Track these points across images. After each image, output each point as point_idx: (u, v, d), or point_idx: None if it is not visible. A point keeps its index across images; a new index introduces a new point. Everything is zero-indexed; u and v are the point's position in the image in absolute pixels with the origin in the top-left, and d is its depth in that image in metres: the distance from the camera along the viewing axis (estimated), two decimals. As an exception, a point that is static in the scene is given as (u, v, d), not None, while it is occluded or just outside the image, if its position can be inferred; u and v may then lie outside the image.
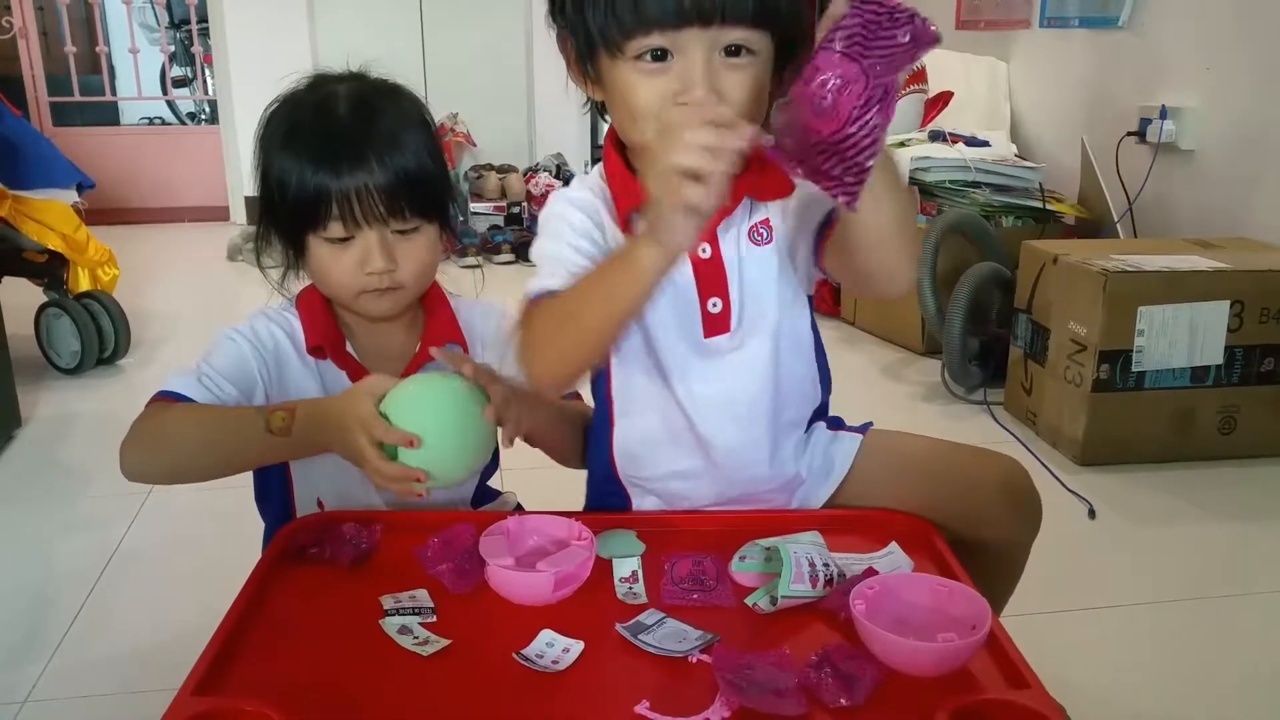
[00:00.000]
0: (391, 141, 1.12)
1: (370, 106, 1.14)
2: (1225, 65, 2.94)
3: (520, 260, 4.62)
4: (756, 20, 0.94)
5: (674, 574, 0.99)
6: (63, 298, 3.06)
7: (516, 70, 5.60)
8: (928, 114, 3.78)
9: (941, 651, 0.83)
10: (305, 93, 1.17)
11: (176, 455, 1.12)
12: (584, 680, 0.84)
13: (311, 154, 1.11)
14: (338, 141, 1.12)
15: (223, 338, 1.20)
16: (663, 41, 0.93)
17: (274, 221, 1.18)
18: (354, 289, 1.16)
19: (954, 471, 1.19)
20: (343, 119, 1.13)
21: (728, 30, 0.93)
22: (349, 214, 1.11)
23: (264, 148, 1.17)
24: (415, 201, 1.14)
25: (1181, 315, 2.40)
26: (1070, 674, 1.60)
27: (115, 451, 1.12)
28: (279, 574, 1.02)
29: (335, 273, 1.15)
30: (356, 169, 1.10)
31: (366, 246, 1.13)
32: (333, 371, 1.21)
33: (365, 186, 1.10)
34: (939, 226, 3.01)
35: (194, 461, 1.12)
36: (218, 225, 5.35)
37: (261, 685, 0.84)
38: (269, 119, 1.18)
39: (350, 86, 1.17)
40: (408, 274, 1.16)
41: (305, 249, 1.16)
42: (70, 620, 1.77)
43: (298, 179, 1.12)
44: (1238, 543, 2.16)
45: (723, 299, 1.09)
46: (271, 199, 1.16)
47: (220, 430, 1.10)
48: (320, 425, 1.05)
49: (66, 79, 5.39)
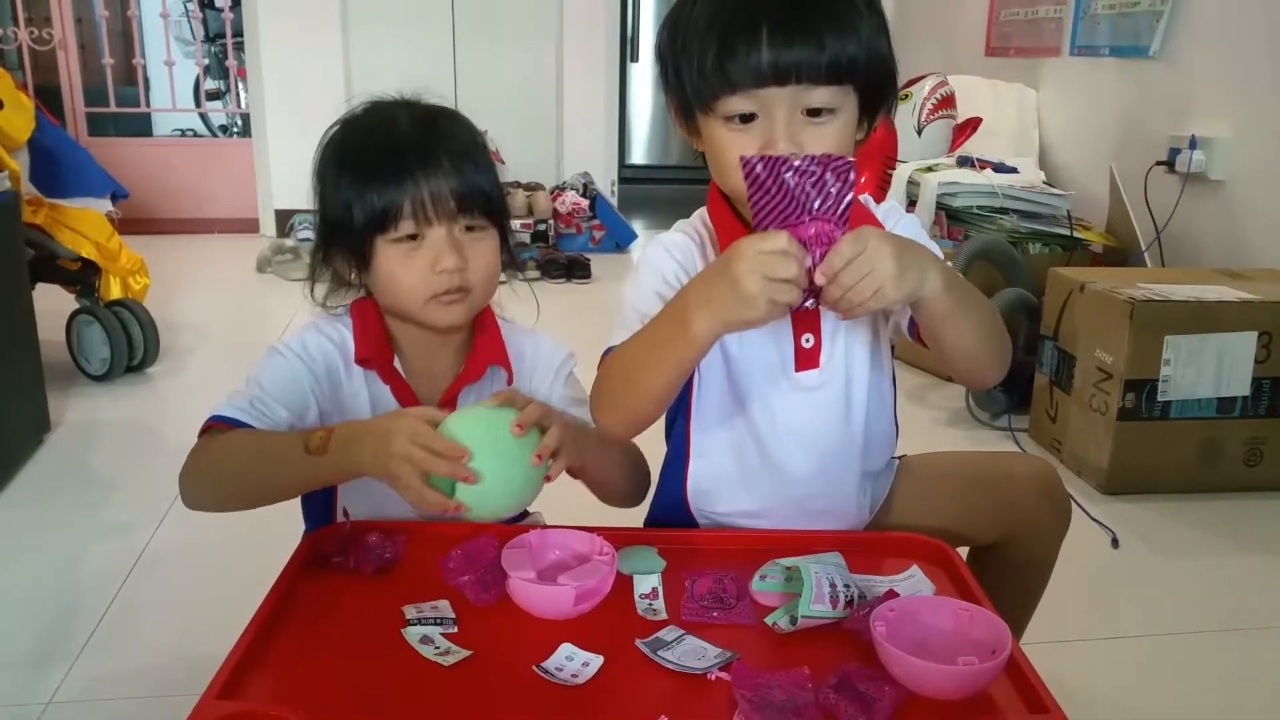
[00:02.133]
0: (458, 146, 1.17)
1: (433, 120, 1.18)
2: (1256, 96, 2.92)
3: (545, 277, 4.65)
4: (832, 79, 1.00)
5: (694, 591, 0.99)
6: (94, 305, 3.10)
7: (546, 89, 5.64)
8: (956, 139, 3.78)
9: (962, 675, 0.83)
10: (364, 115, 1.20)
11: (227, 485, 1.13)
12: (602, 694, 0.85)
13: (382, 157, 1.14)
14: (408, 144, 1.15)
15: (273, 354, 1.19)
16: (747, 104, 1.01)
17: (338, 236, 1.18)
18: (424, 293, 1.16)
19: (988, 467, 1.25)
20: (409, 130, 1.17)
21: (807, 91, 1.00)
22: (420, 210, 1.13)
23: (325, 164, 1.18)
24: (482, 202, 1.17)
25: (1209, 345, 2.39)
26: (1091, 703, 1.59)
27: (142, 457, 1.16)
28: (304, 581, 1.03)
29: (406, 277, 1.15)
30: (427, 166, 1.13)
31: (437, 244, 1.14)
32: (378, 385, 1.22)
33: (436, 183, 1.13)
34: (966, 252, 3.00)
35: (245, 491, 1.13)
36: (248, 237, 5.41)
37: (284, 691, 0.85)
38: (330, 140, 1.19)
39: (409, 107, 1.20)
40: (476, 275, 1.17)
41: (371, 259, 1.17)
42: (95, 624, 1.79)
43: (369, 182, 1.13)
44: (1263, 576, 2.13)
45: (815, 335, 1.13)
46: (335, 214, 1.17)
47: (266, 457, 1.10)
48: (355, 445, 1.04)
49: (103, 90, 5.48)
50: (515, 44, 5.57)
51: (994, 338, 1.09)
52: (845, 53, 0.99)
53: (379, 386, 1.22)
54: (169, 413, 2.91)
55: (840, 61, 1.00)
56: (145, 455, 2.54)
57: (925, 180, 3.38)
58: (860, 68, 1.01)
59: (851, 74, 1.01)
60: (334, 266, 1.22)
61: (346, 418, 1.20)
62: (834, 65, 0.99)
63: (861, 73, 1.02)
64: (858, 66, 1.01)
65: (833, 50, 0.99)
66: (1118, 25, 3.48)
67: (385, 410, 1.19)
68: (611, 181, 5.77)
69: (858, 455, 1.19)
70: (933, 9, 4.97)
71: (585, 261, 4.74)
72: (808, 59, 0.98)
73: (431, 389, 1.23)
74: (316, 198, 1.19)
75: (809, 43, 0.98)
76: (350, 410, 1.21)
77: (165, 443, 2.60)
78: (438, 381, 1.24)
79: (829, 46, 0.98)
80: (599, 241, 5.27)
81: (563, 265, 4.69)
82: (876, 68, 1.03)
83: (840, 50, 0.99)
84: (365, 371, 1.22)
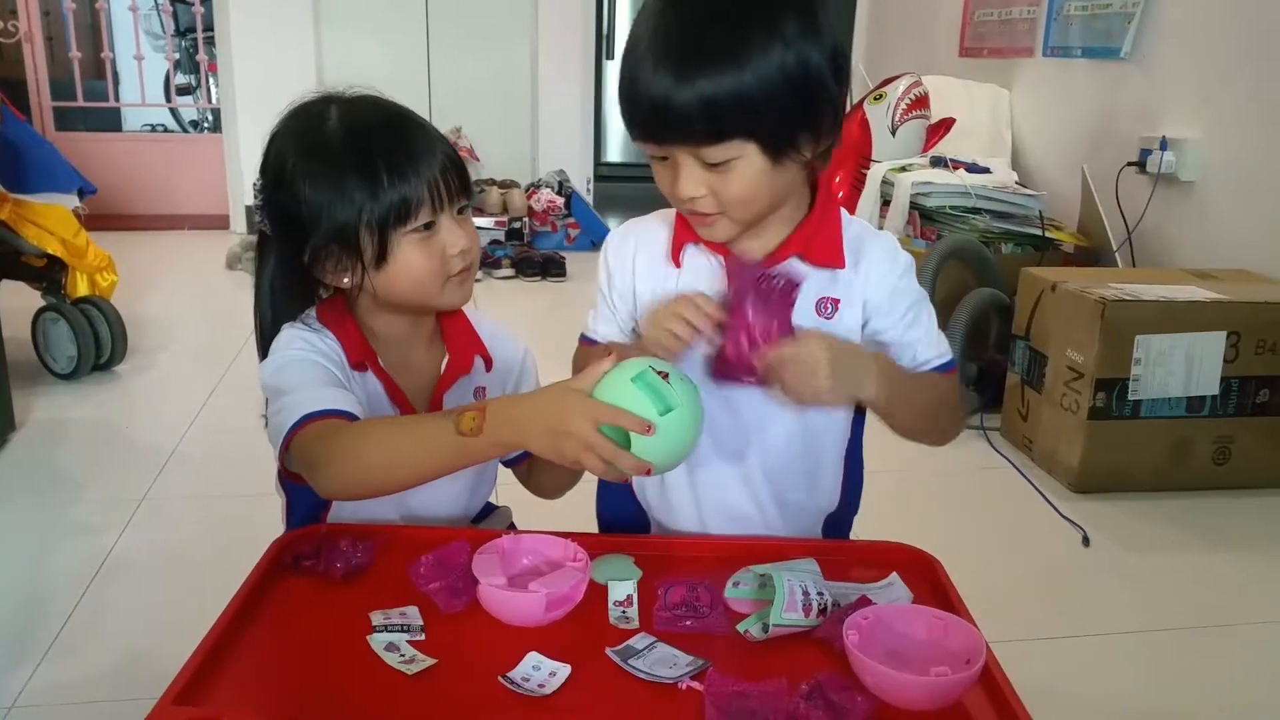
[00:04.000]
0: (435, 131, 1.17)
1: (401, 111, 1.17)
2: (1226, 98, 2.95)
3: (520, 275, 4.62)
4: (715, 139, 0.98)
5: (667, 600, 0.98)
6: (60, 302, 3.06)
7: (521, 86, 5.62)
8: (929, 140, 3.79)
9: (934, 686, 0.82)
10: (337, 119, 1.14)
11: (373, 469, 1.07)
12: (569, 705, 0.84)
13: (394, 153, 1.11)
14: (411, 137, 1.14)
15: (296, 360, 1.14)
16: (655, 149, 1.03)
17: (342, 240, 1.13)
18: (442, 276, 1.16)
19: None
20: (398, 123, 1.15)
21: (698, 149, 1.00)
22: (436, 197, 1.12)
23: (307, 170, 1.12)
24: (464, 181, 1.18)
25: (1178, 345, 2.40)
26: (1061, 700, 1.59)
27: (110, 457, 1.15)
28: (272, 584, 1.01)
29: (427, 263, 1.14)
30: (431, 154, 1.13)
31: (449, 229, 1.15)
32: (371, 384, 1.19)
33: (443, 167, 1.13)
34: (938, 252, 3.01)
35: (392, 474, 1.07)
36: (218, 234, 5.36)
37: (243, 696, 0.84)
38: (305, 147, 1.13)
39: (363, 102, 1.17)
40: (476, 252, 1.20)
41: (389, 254, 1.13)
42: (60, 626, 1.76)
43: (383, 179, 1.10)
44: (1231, 573, 2.15)
45: None
46: (342, 218, 1.12)
47: (412, 438, 1.06)
48: (520, 424, 1.00)
49: (70, 84, 5.40)
50: (489, 41, 5.54)
51: (938, 420, 1.16)
52: (725, 116, 0.97)
53: (372, 385, 1.20)
54: (137, 412, 2.88)
55: (721, 125, 0.97)
56: (113, 455, 2.51)
57: (899, 180, 3.39)
58: (750, 120, 0.98)
59: (740, 129, 0.98)
60: (317, 274, 1.18)
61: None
62: (714, 131, 0.98)
63: (755, 124, 0.98)
64: (743, 125, 0.98)
65: (709, 117, 0.96)
66: (1090, 26, 3.50)
67: (380, 411, 1.18)
68: (587, 179, 5.75)
69: (809, 437, 1.18)
70: (907, 9, 4.98)
71: (560, 260, 4.72)
72: (679, 125, 0.98)
73: (413, 382, 1.22)
74: (287, 206, 1.13)
75: (678, 110, 0.96)
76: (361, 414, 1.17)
77: (133, 442, 2.57)
78: (415, 374, 1.22)
79: (704, 113, 0.96)
80: (574, 240, 5.25)
81: (537, 263, 4.67)
82: (774, 116, 0.98)
83: (719, 115, 0.96)
84: (359, 375, 1.19)
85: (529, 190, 5.28)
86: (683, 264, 1.15)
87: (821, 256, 1.11)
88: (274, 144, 1.15)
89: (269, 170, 1.16)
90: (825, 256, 1.11)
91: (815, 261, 1.11)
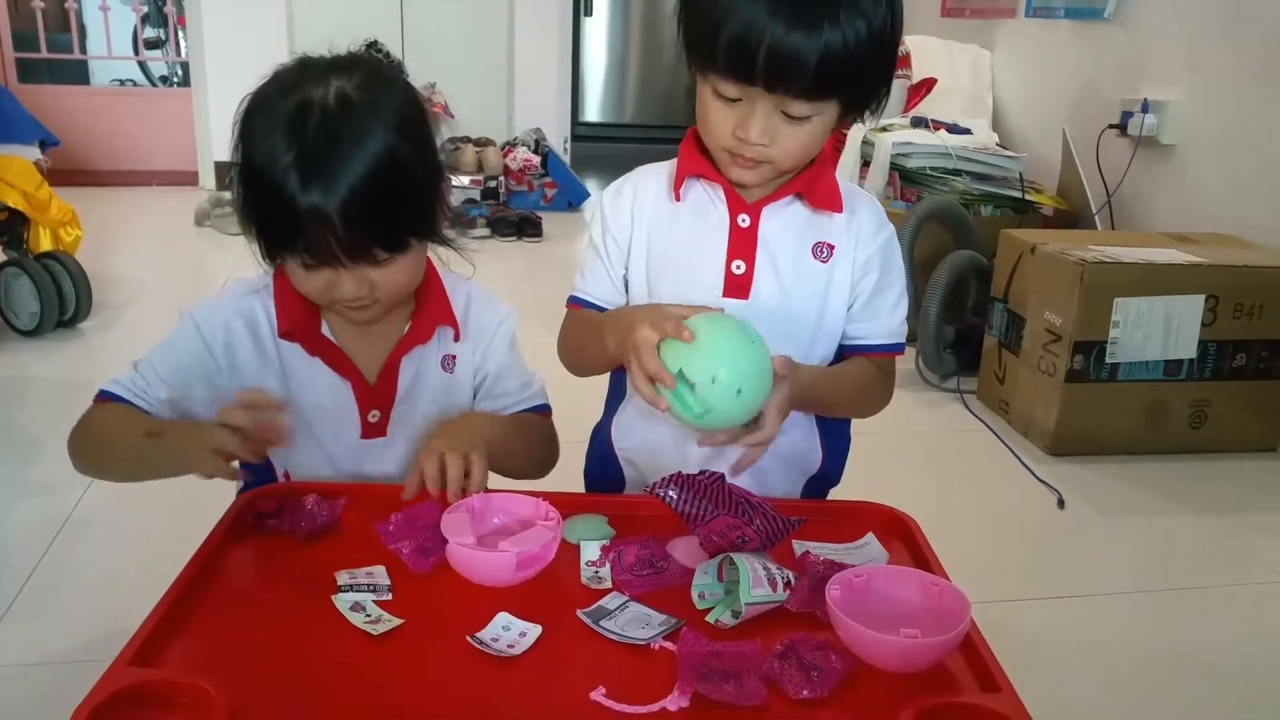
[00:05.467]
0: (359, 184, 0.99)
1: (343, 131, 1.00)
2: (1208, 61, 2.93)
3: (495, 235, 4.57)
4: (816, 96, 1.00)
5: (622, 562, 0.95)
6: (22, 257, 2.99)
7: (498, 43, 5.52)
8: (910, 100, 3.76)
9: (903, 646, 0.80)
10: (282, 97, 1.03)
11: (96, 461, 1.14)
12: (539, 665, 0.81)
13: (280, 177, 0.99)
14: (305, 171, 0.98)
15: (182, 323, 1.16)
16: (734, 90, 1.01)
17: (246, 214, 1.07)
18: (327, 302, 1.10)
19: None
20: (309, 144, 0.99)
21: (790, 100, 1.00)
22: (309, 252, 1.02)
23: (243, 138, 1.05)
24: (388, 241, 1.04)
25: (1157, 308, 2.40)
26: (1035, 662, 1.59)
27: (72, 416, 1.16)
28: (233, 543, 0.99)
29: (307, 288, 1.08)
30: (316, 216, 0.99)
31: (338, 277, 1.05)
32: (300, 358, 1.14)
33: (326, 235, 1.00)
34: (918, 213, 2.98)
35: (110, 469, 1.16)
36: (186, 190, 5.25)
37: (202, 658, 0.81)
38: (250, 109, 1.05)
39: (331, 100, 1.01)
40: (385, 293, 1.09)
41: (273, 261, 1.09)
42: (20, 587, 1.73)
43: (270, 199, 1.01)
44: (1205, 536, 2.16)
45: (747, 263, 1.13)
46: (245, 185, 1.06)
47: (120, 438, 1.10)
48: (167, 435, 1.05)
49: (34, 35, 5.27)
50: (465, -5, 5.43)
51: (867, 404, 1.21)
52: (835, 74, 0.98)
53: (304, 362, 1.14)
54: (101, 369, 2.76)
55: (828, 83, 0.99)
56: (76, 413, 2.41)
57: (879, 140, 3.36)
58: (848, 86, 1.02)
59: (837, 91, 1.02)
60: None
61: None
62: (820, 86, 0.99)
63: (848, 89, 1.02)
64: (846, 85, 1.01)
65: (822, 72, 0.97)
66: (1073, -14, 3.46)
67: (306, 388, 1.15)
68: (564, 139, 5.68)
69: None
70: (889, -33, 4.92)
71: (536, 220, 4.66)
72: (797, 77, 0.97)
73: (371, 351, 1.16)
74: (236, 156, 1.06)
75: (801, 62, 0.96)
76: (254, 385, 1.12)
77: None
78: (379, 341, 1.16)
79: (820, 68, 0.97)
80: (551, 200, 5.19)
81: (513, 223, 4.61)
82: (864, 86, 1.04)
83: (831, 72, 0.98)
84: (288, 346, 1.14)
85: (505, 149, 5.21)
86: (683, 197, 1.15)
87: (821, 200, 1.13)
88: (273, 76, 1.06)
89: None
90: (824, 200, 1.13)
91: (815, 204, 1.13)
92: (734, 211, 1.13)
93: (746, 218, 1.13)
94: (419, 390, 1.19)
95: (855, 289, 1.16)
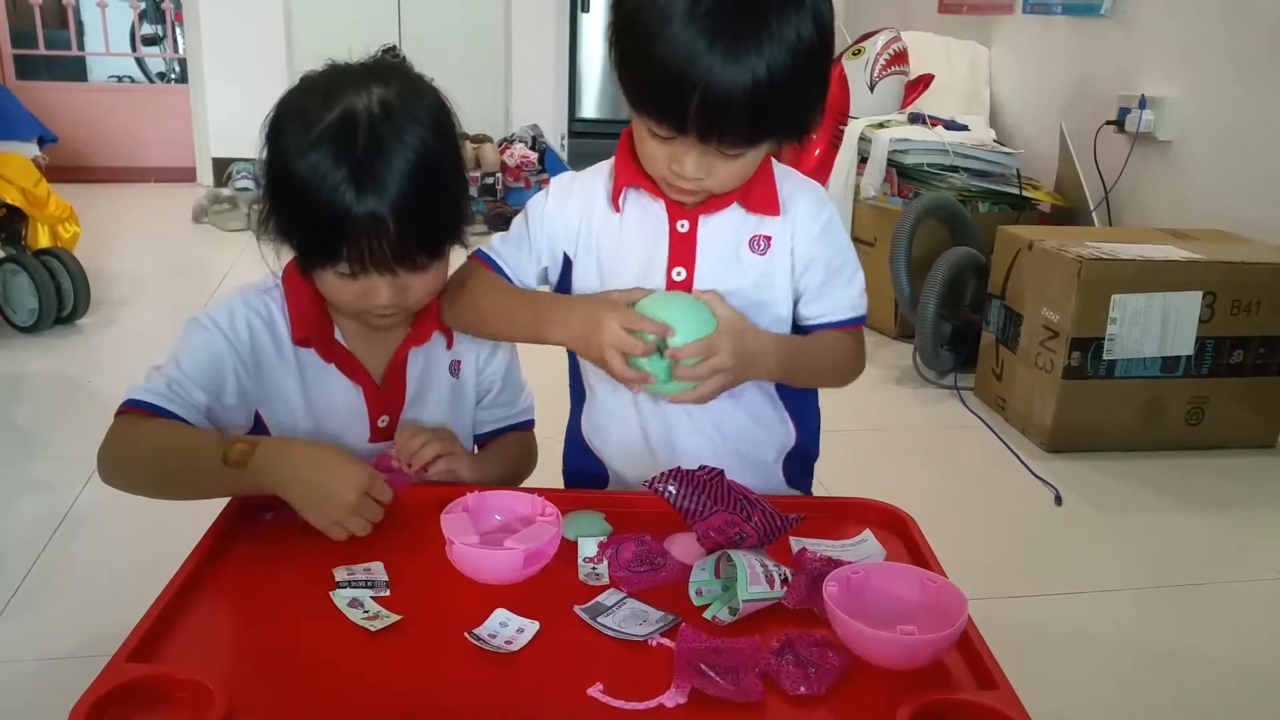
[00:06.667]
0: (409, 188, 1.02)
1: (390, 138, 1.02)
2: (1205, 57, 2.93)
3: (492, 231, 4.56)
4: (748, 141, 1.02)
5: (620, 558, 0.96)
6: (21, 254, 2.99)
7: (494, 40, 5.52)
8: (908, 96, 3.75)
9: (900, 643, 0.81)
10: (322, 106, 1.02)
11: (143, 479, 1.10)
12: (537, 662, 0.81)
13: (332, 188, 1.00)
14: (359, 178, 1.00)
15: (195, 327, 1.12)
16: (667, 131, 1.01)
17: (281, 224, 1.08)
18: (358, 311, 1.11)
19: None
20: (361, 151, 1.01)
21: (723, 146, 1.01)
22: (358, 260, 1.03)
23: (279, 150, 1.05)
24: (431, 246, 1.08)
25: (1154, 305, 2.40)
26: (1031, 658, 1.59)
27: (71, 412, 1.13)
28: (232, 539, 0.99)
29: (341, 297, 1.09)
30: (371, 223, 1.01)
31: (374, 285, 1.06)
32: (315, 363, 1.15)
33: (378, 241, 1.02)
34: (915, 210, 2.99)
35: (160, 487, 1.10)
36: (184, 186, 5.25)
37: (200, 654, 0.81)
38: (281, 118, 1.05)
39: (376, 108, 1.03)
40: (416, 301, 1.12)
41: (309, 272, 1.10)
42: (18, 583, 1.73)
43: (318, 209, 1.02)
44: (1203, 532, 2.16)
45: (687, 269, 1.14)
46: (284, 197, 1.07)
47: (180, 458, 1.06)
48: (280, 468, 1.00)
49: (32, 32, 5.26)
50: (462, -8, 5.43)
51: (838, 374, 1.21)
52: (768, 118, 0.99)
53: (319, 367, 1.16)
54: (99, 366, 2.82)
55: (760, 128, 1.00)
56: (74, 409, 2.46)
57: (876, 137, 3.36)
58: (781, 125, 1.02)
59: (770, 134, 1.03)
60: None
61: (271, 402, 1.15)
62: (753, 132, 1.00)
63: (782, 129, 1.03)
64: (779, 125, 1.02)
65: (755, 118, 0.98)
66: (1071, -17, 3.46)
67: (322, 392, 1.15)
68: (561, 135, 5.68)
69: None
70: (887, -37, 4.92)
71: (533, 216, 4.65)
72: (730, 125, 0.98)
73: (376, 354, 1.18)
74: (266, 163, 1.07)
75: (733, 110, 0.96)
76: (277, 394, 1.15)
77: (95, 397, 2.52)
78: (383, 345, 1.18)
79: (753, 114, 0.97)
80: (548, 196, 5.18)
81: (510, 220, 4.59)
82: (796, 127, 1.04)
83: (764, 117, 0.98)
84: (303, 351, 1.15)
85: (502, 145, 5.20)
86: (623, 208, 1.15)
87: (759, 205, 1.14)
88: (302, 83, 1.07)
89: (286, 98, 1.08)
90: (761, 204, 1.14)
91: (752, 208, 1.14)
92: (673, 218, 1.13)
93: (685, 223, 1.13)
94: (427, 395, 1.21)
95: (801, 279, 1.16)
